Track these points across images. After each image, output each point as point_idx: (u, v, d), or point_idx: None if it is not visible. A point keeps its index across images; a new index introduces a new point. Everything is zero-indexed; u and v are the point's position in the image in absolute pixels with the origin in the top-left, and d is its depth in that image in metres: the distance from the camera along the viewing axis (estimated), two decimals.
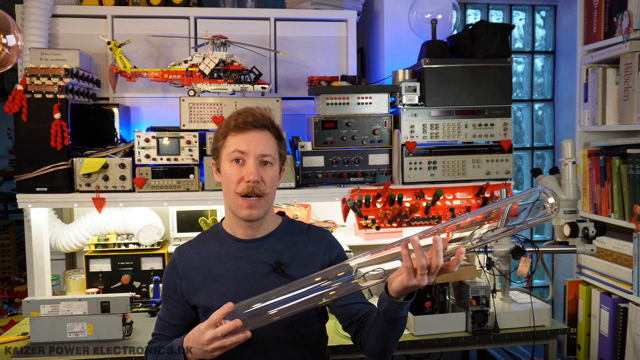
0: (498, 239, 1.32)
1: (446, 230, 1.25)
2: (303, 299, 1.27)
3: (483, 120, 2.53)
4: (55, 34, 2.68)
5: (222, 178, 1.48)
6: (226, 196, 1.47)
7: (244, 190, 1.41)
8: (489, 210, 1.26)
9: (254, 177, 1.40)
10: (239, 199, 1.42)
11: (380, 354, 1.41)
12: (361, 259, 1.29)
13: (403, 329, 1.37)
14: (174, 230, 2.63)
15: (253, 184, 1.40)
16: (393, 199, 2.39)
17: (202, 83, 2.44)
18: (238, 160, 1.43)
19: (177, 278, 1.51)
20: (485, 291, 2.16)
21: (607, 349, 2.49)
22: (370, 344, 1.41)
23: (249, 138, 1.43)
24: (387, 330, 1.33)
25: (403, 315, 1.31)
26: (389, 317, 1.30)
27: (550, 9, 3.58)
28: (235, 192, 1.42)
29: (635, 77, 2.32)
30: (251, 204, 1.42)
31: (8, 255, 4.80)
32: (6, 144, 6.50)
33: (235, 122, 1.43)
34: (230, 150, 1.43)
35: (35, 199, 2.30)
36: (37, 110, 2.27)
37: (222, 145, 1.46)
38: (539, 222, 1.25)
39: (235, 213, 1.45)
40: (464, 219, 1.27)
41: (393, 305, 1.27)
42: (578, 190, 2.30)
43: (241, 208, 1.43)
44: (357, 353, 2.11)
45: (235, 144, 1.43)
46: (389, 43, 2.92)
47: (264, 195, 1.43)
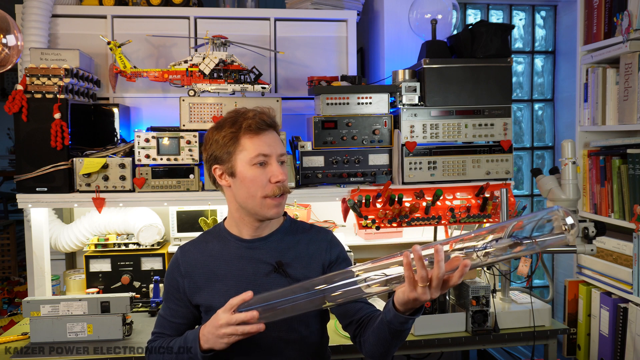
0: (505, 257, 1.27)
1: (463, 241, 1.21)
2: (311, 299, 1.26)
3: (483, 120, 2.54)
4: (55, 34, 2.68)
5: (240, 182, 1.43)
6: (248, 199, 1.44)
7: (275, 191, 1.42)
8: (507, 225, 1.23)
9: (283, 177, 1.42)
10: (268, 200, 1.42)
11: (380, 357, 1.41)
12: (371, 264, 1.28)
13: (405, 337, 1.36)
14: (174, 230, 2.63)
15: (282, 184, 1.43)
16: (393, 199, 2.39)
17: (202, 83, 2.44)
18: (262, 163, 1.42)
19: (179, 277, 1.52)
20: (485, 291, 2.16)
21: (607, 349, 2.49)
22: (370, 347, 1.41)
23: (268, 139, 1.43)
24: (389, 339, 1.33)
25: (407, 327, 1.29)
26: (393, 329, 1.28)
27: (550, 9, 3.59)
28: (264, 195, 1.42)
29: (635, 77, 2.32)
30: (279, 203, 1.44)
31: (8, 255, 4.80)
32: (6, 144, 6.50)
33: (255, 122, 1.41)
34: (253, 154, 1.41)
35: (35, 199, 2.31)
36: (37, 110, 2.27)
37: (235, 150, 1.42)
38: (554, 245, 1.19)
39: (261, 214, 1.45)
40: (482, 231, 1.24)
41: (398, 319, 1.26)
42: (578, 190, 2.30)
43: (269, 208, 1.43)
44: (357, 353, 2.11)
45: (257, 147, 1.41)
46: (389, 43, 2.92)
47: (289, 192, 1.47)
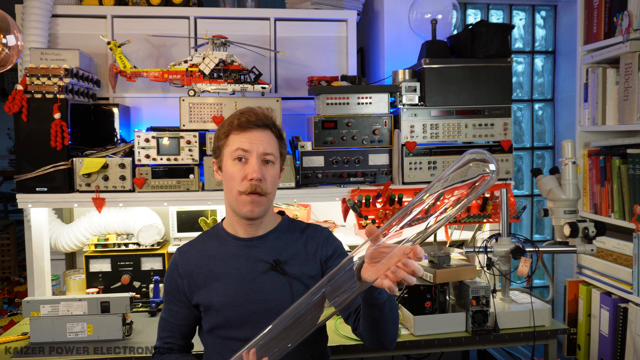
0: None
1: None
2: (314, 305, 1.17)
3: (483, 120, 2.53)
4: (55, 34, 2.68)
5: (224, 176, 1.48)
6: (228, 194, 1.47)
7: (247, 189, 1.41)
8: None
9: (257, 174, 1.41)
10: (242, 197, 1.43)
11: (377, 343, 1.37)
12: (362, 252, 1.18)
13: (392, 315, 1.32)
14: (174, 230, 2.63)
15: (256, 182, 1.41)
16: (393, 199, 2.39)
17: (202, 83, 2.44)
18: (241, 159, 1.43)
19: (178, 277, 1.52)
20: (485, 291, 2.16)
21: (607, 349, 2.49)
22: (365, 333, 1.38)
23: (252, 137, 1.44)
24: (374, 317, 1.28)
25: (384, 299, 1.24)
26: (370, 304, 1.25)
27: (550, 9, 3.59)
28: (239, 191, 1.43)
29: (635, 77, 2.32)
30: (253, 201, 1.43)
31: (8, 255, 4.80)
32: (6, 144, 6.49)
33: (239, 120, 1.44)
34: (233, 149, 1.43)
35: (35, 199, 2.31)
36: (37, 110, 2.27)
37: (224, 144, 1.47)
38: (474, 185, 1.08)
39: (237, 211, 1.46)
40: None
41: (368, 292, 1.20)
42: (578, 190, 2.30)
43: (243, 205, 1.43)
44: (357, 353, 2.11)
45: (238, 142, 1.43)
46: (389, 43, 2.92)
47: (266, 194, 1.44)
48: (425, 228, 1.10)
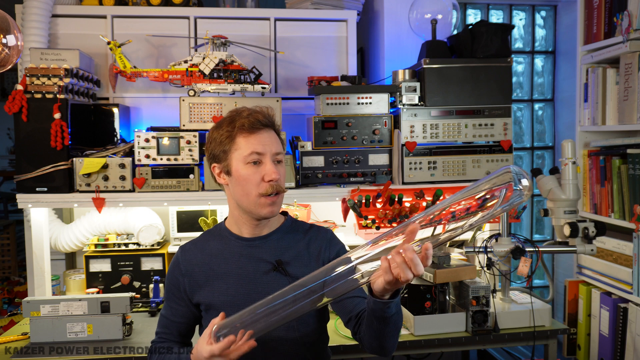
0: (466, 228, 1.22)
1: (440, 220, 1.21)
2: (304, 303, 1.22)
3: (483, 120, 2.54)
4: (55, 34, 2.68)
5: (235, 180, 1.45)
6: (243, 198, 1.45)
7: (268, 190, 1.42)
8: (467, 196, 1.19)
9: (276, 175, 1.43)
10: (262, 199, 1.43)
11: (379, 351, 1.40)
12: (360, 252, 1.21)
13: (397, 326, 1.34)
14: (174, 230, 2.63)
15: (275, 183, 1.43)
16: (393, 199, 2.39)
17: (202, 83, 2.44)
18: (255, 162, 1.43)
19: (180, 276, 1.52)
20: (485, 291, 2.16)
21: (607, 349, 2.49)
22: (366, 340, 1.40)
23: (262, 138, 1.44)
24: (379, 328, 1.31)
25: (392, 313, 1.27)
26: (378, 316, 1.27)
27: (550, 9, 3.58)
28: (259, 193, 1.43)
29: (635, 77, 2.32)
30: (273, 202, 1.44)
31: (8, 255, 4.80)
32: (6, 144, 6.49)
33: (248, 121, 1.43)
34: (247, 153, 1.42)
35: (35, 199, 2.31)
36: (37, 110, 2.27)
37: (230, 148, 1.44)
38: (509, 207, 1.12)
39: (256, 213, 1.45)
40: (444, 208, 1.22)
41: (378, 305, 1.24)
42: (578, 190, 2.30)
43: (263, 207, 1.44)
44: (357, 353, 2.11)
45: (250, 145, 1.43)
46: (389, 43, 2.92)
47: (283, 191, 1.47)
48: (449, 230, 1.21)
